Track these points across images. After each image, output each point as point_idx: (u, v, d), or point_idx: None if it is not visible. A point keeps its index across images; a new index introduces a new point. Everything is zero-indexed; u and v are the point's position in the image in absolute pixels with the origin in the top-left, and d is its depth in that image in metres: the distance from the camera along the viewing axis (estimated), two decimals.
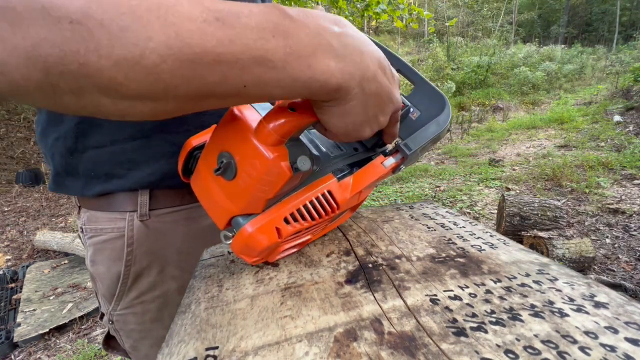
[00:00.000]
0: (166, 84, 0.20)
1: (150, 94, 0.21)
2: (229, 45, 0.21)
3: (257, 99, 0.25)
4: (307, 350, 0.24)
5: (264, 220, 0.33)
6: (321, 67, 0.24)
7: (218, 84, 0.22)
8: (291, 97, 0.26)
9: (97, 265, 0.53)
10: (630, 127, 5.19)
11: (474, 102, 9.11)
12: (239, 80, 0.22)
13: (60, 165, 0.50)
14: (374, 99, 0.29)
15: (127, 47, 0.18)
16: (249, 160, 0.30)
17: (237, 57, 0.21)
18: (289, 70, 0.23)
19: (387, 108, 0.31)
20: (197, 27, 0.20)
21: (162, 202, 0.52)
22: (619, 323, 0.25)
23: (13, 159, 5.31)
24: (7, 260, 2.91)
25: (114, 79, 0.19)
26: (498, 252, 0.39)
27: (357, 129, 0.31)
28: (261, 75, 0.22)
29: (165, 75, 0.20)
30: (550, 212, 2.62)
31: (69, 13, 0.17)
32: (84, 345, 1.91)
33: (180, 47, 0.19)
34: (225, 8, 0.21)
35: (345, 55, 0.25)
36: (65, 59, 0.18)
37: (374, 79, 0.28)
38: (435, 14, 20.36)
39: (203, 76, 0.21)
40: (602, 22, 23.80)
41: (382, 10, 3.31)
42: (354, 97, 0.28)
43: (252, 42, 0.21)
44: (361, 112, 0.29)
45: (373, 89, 0.28)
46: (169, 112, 0.23)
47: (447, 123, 0.41)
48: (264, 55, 0.22)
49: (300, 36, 0.23)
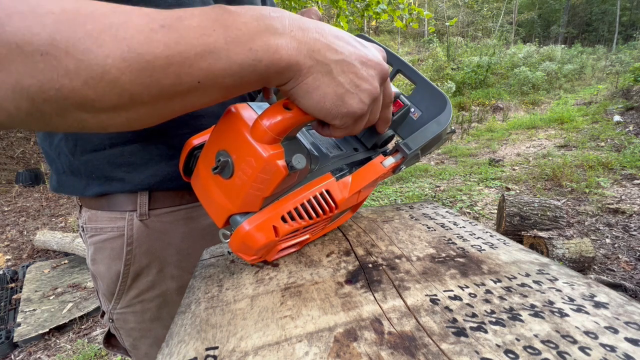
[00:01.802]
0: (130, 93, 0.23)
1: (121, 104, 0.23)
2: (175, 46, 0.23)
3: (217, 94, 0.27)
4: (307, 350, 0.24)
5: (261, 219, 0.33)
6: (262, 48, 0.25)
7: (175, 85, 0.24)
8: (246, 85, 0.27)
9: (97, 264, 0.54)
10: (630, 127, 5.19)
11: (474, 102, 9.11)
12: (192, 78, 0.24)
13: (66, 164, 0.51)
14: (339, 67, 0.28)
15: (91, 67, 0.21)
16: (245, 159, 0.30)
17: (184, 56, 0.23)
18: (233, 57, 0.24)
19: (365, 72, 0.29)
20: (145, 36, 0.22)
21: (162, 202, 0.53)
22: (619, 323, 0.25)
23: (13, 159, 5.31)
24: (7, 260, 2.91)
25: (87, 96, 0.22)
26: (498, 252, 0.39)
27: (337, 103, 0.29)
28: (210, 68, 0.24)
29: (127, 85, 0.22)
30: (550, 212, 2.62)
31: (38, 46, 0.20)
32: (84, 345, 1.90)
33: (133, 58, 0.22)
34: (169, 15, 0.23)
35: (285, 33, 0.26)
36: (43, 87, 0.21)
37: (328, 48, 0.28)
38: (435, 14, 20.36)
39: (159, 80, 0.23)
40: (602, 22, 23.80)
41: (382, 10, 3.31)
42: (311, 70, 0.27)
43: (196, 40, 0.23)
44: (330, 83, 0.28)
45: (332, 57, 0.28)
46: (142, 120, 0.26)
47: (447, 122, 0.41)
48: (207, 49, 0.24)
49: (238, 25, 0.25)
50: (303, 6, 3.61)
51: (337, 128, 0.32)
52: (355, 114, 0.30)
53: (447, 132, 0.49)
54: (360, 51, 0.30)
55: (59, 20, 0.20)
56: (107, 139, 0.48)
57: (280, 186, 0.32)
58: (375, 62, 0.30)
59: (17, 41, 0.19)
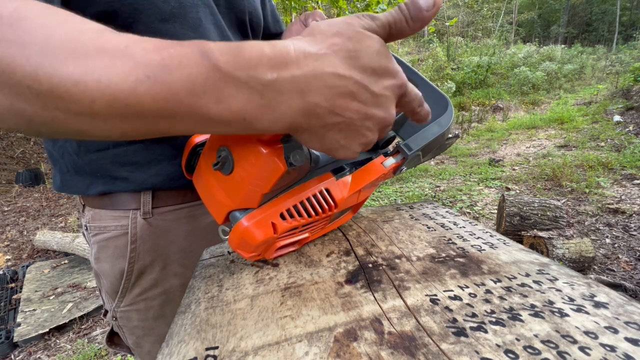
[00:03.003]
0: (122, 131, 0.23)
1: (114, 135, 0.23)
2: (165, 103, 0.22)
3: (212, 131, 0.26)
4: (307, 350, 0.24)
5: (260, 215, 0.33)
6: (256, 118, 0.24)
7: (168, 129, 0.24)
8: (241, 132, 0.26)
9: (101, 262, 0.54)
10: (630, 127, 5.19)
11: (474, 102, 9.11)
12: (186, 128, 0.24)
13: (70, 164, 0.51)
14: (338, 128, 0.27)
15: (77, 107, 0.21)
16: (244, 155, 0.30)
17: (175, 112, 0.22)
18: (226, 122, 0.24)
19: (366, 126, 0.28)
20: (129, 87, 0.21)
21: (165, 201, 0.53)
22: (619, 323, 0.25)
23: (13, 159, 5.31)
24: (7, 260, 2.91)
25: (81, 128, 0.22)
26: (498, 252, 0.39)
27: (333, 151, 0.29)
28: (204, 125, 0.24)
29: (119, 125, 0.22)
30: (550, 212, 2.62)
31: (23, 78, 0.20)
32: (84, 345, 1.90)
33: (121, 108, 0.21)
34: (154, 59, 0.21)
35: (283, 104, 0.24)
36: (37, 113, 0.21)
37: (330, 113, 0.26)
38: None
39: (150, 128, 0.23)
40: (602, 22, 23.80)
41: (382, 10, 3.31)
42: (307, 131, 0.27)
43: (186, 99, 0.22)
44: (331, 140, 0.28)
45: (333, 121, 0.26)
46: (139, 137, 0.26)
47: (449, 124, 0.41)
48: (199, 112, 0.23)
49: (230, 91, 0.23)
50: (303, 6, 3.61)
51: None
52: (351, 158, 0.30)
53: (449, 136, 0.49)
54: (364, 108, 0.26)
55: (42, 54, 0.20)
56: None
57: (279, 183, 0.32)
58: (379, 118, 0.28)
59: (3, 68, 0.19)
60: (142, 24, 0.43)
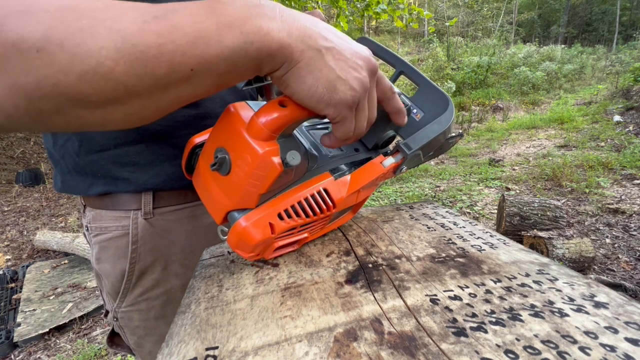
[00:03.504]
0: (125, 85, 0.23)
1: (116, 97, 0.23)
2: (168, 35, 0.23)
3: (211, 82, 0.26)
4: (307, 350, 0.24)
5: (257, 215, 0.33)
6: (253, 30, 0.25)
7: (168, 74, 0.24)
8: (240, 72, 0.27)
9: (102, 262, 0.54)
10: (630, 127, 5.19)
11: (474, 102, 9.11)
12: (185, 65, 0.24)
13: (71, 164, 0.51)
14: (330, 53, 0.28)
15: (84, 61, 0.21)
16: (241, 155, 0.30)
17: (177, 44, 0.23)
18: (225, 41, 0.24)
19: (354, 62, 0.30)
20: (139, 27, 0.22)
21: (166, 201, 0.53)
22: (619, 323, 0.25)
23: (13, 159, 5.31)
24: (7, 260, 2.91)
25: (83, 91, 0.22)
26: (498, 252, 0.39)
27: (330, 88, 0.29)
28: (202, 55, 0.24)
29: (122, 77, 0.22)
30: (550, 212, 2.62)
31: (34, 43, 0.20)
32: (84, 345, 1.90)
33: (127, 49, 0.22)
34: (162, 7, 0.24)
35: (276, 18, 0.26)
36: (39, 84, 0.21)
37: (319, 35, 0.28)
38: (435, 14, 20.35)
39: (153, 70, 0.23)
40: (602, 22, 23.79)
41: (382, 10, 3.31)
42: (303, 54, 0.27)
43: (188, 27, 0.23)
44: (323, 67, 0.28)
45: (323, 44, 0.28)
46: (140, 114, 0.26)
47: (449, 123, 0.41)
48: (200, 35, 0.24)
49: (230, 12, 0.25)
50: (303, 6, 3.61)
51: (335, 123, 0.32)
52: (347, 101, 0.30)
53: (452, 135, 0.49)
54: (349, 44, 0.30)
55: (54, 17, 0.21)
56: (112, 139, 0.49)
57: (276, 183, 0.32)
58: (364, 56, 0.31)
59: (12, 40, 0.20)
60: None
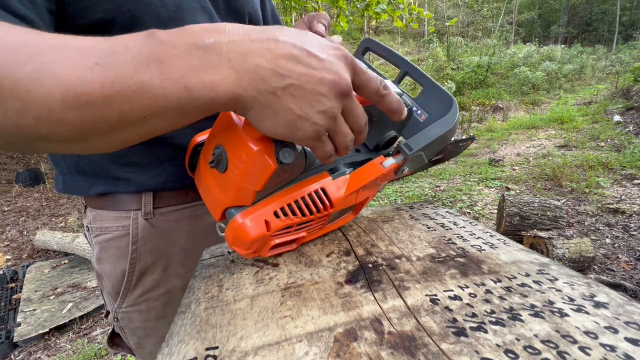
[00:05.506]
0: (80, 129, 0.23)
1: (75, 137, 0.23)
2: (112, 86, 0.22)
3: (170, 124, 0.26)
4: (307, 350, 0.24)
5: (253, 212, 0.33)
6: (197, 86, 0.24)
7: (121, 120, 0.23)
8: (195, 118, 0.26)
9: (103, 263, 0.54)
10: (630, 127, 5.19)
11: (474, 102, 9.11)
12: (137, 113, 0.23)
13: (71, 164, 0.51)
14: (289, 92, 0.26)
15: (36, 107, 0.21)
16: (237, 153, 0.31)
17: (122, 95, 0.22)
18: (170, 96, 0.23)
19: (318, 92, 0.27)
20: (79, 75, 0.22)
21: (167, 201, 0.53)
22: (619, 323, 0.25)
23: (13, 159, 5.31)
24: (7, 260, 2.91)
25: (40, 132, 0.22)
26: (498, 252, 0.39)
27: (291, 128, 0.27)
28: (150, 106, 0.23)
29: (75, 122, 0.22)
30: (550, 212, 2.62)
31: None
32: (84, 345, 1.90)
33: (72, 98, 0.22)
34: (103, 49, 0.23)
35: (221, 65, 0.24)
36: (2, 123, 0.21)
37: (273, 74, 0.25)
38: (435, 14, 20.35)
39: (104, 117, 0.23)
40: (602, 22, 23.79)
41: (382, 10, 3.31)
42: (255, 101, 0.26)
43: (130, 79, 0.22)
44: (279, 110, 0.26)
45: (279, 84, 0.25)
46: (110, 147, 0.26)
47: (452, 123, 0.41)
48: (144, 87, 0.23)
49: (171, 59, 0.23)
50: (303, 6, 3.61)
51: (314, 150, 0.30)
52: (311, 137, 0.28)
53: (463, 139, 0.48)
54: (312, 71, 0.26)
55: (2, 62, 0.20)
56: None
57: (271, 181, 0.32)
58: (330, 80, 0.27)
59: None
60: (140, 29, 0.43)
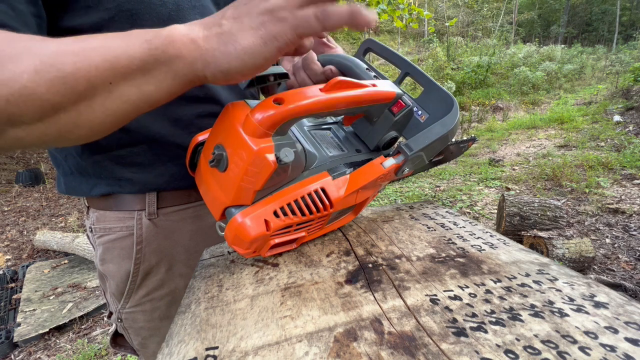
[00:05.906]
0: (51, 103, 0.25)
1: (45, 114, 0.25)
2: (82, 52, 0.25)
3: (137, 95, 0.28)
4: (307, 350, 0.24)
5: (253, 212, 0.33)
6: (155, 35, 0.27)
7: (89, 89, 0.26)
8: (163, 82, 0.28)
9: (107, 263, 0.54)
10: (630, 127, 5.19)
11: (474, 102, 9.10)
12: (102, 79, 0.26)
13: (73, 165, 0.51)
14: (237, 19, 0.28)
15: (9, 84, 0.23)
16: (237, 152, 0.31)
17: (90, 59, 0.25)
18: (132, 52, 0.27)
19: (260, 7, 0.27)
20: (56, 48, 0.25)
21: (170, 201, 0.53)
22: (619, 323, 0.25)
23: (13, 159, 5.30)
24: (7, 260, 2.91)
25: (13, 113, 0.24)
26: (498, 252, 0.39)
27: (258, 36, 0.27)
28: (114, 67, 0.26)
29: (45, 95, 0.24)
30: (550, 212, 2.62)
31: None
32: (84, 345, 1.90)
33: (45, 69, 0.24)
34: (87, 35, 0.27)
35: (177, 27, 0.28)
36: None
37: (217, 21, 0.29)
38: (435, 14, 20.34)
39: (73, 87, 0.25)
40: (602, 22, 23.79)
41: (382, 10, 3.31)
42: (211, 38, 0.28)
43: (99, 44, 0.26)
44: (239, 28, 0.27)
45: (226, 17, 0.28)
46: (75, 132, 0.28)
47: (453, 124, 0.41)
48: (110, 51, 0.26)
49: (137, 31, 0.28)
50: None
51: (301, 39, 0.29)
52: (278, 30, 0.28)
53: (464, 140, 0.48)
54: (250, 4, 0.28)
55: None
56: (115, 140, 0.48)
57: (271, 180, 0.32)
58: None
59: None
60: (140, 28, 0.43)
